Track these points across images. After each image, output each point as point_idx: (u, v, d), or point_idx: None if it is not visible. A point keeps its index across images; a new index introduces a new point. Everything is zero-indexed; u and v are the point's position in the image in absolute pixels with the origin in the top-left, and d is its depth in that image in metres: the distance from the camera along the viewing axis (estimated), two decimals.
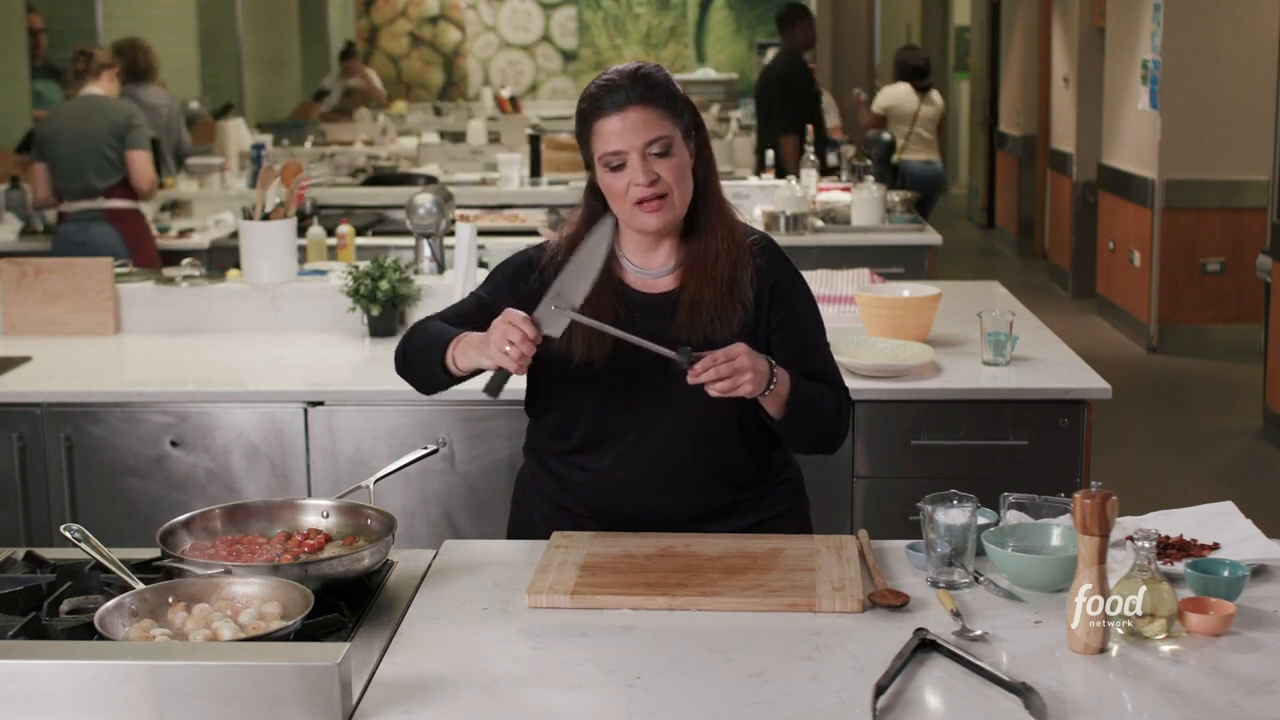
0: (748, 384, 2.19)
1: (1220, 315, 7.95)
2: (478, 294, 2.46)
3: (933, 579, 2.14)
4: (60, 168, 5.88)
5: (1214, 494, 2.76)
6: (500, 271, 2.46)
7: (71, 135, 5.86)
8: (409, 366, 2.41)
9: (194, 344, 3.95)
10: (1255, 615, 2.02)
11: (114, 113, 5.88)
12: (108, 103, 5.92)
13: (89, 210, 5.81)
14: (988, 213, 12.95)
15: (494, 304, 2.39)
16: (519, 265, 2.44)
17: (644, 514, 2.38)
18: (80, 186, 5.82)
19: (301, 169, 4.23)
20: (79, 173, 5.82)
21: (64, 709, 1.69)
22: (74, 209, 5.83)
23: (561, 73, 15.73)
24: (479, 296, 2.45)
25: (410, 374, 2.42)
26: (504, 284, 2.43)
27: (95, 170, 5.82)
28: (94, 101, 5.92)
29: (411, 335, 2.40)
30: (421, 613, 2.08)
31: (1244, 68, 7.64)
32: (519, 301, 2.36)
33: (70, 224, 5.82)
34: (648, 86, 2.29)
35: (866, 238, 5.86)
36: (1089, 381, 3.44)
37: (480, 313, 2.39)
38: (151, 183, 5.99)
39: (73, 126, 5.88)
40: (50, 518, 3.45)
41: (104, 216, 5.80)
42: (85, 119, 5.88)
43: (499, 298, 2.40)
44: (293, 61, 13.65)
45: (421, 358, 2.36)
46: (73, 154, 5.84)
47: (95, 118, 5.86)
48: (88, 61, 5.97)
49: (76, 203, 5.83)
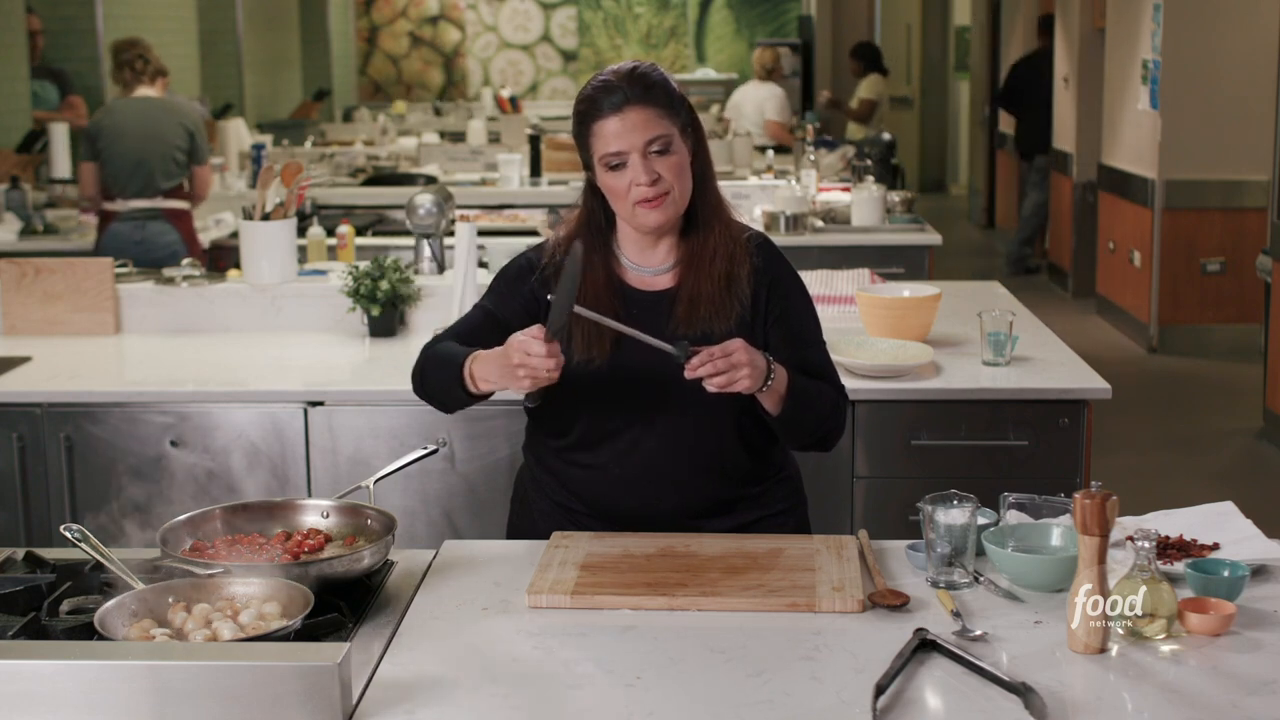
0: (745, 379, 2.19)
1: (1220, 315, 7.95)
2: (483, 306, 2.46)
3: (933, 579, 2.14)
4: (119, 165, 5.84)
5: (1214, 494, 2.76)
6: (501, 279, 2.46)
7: (136, 134, 5.84)
8: (428, 392, 2.40)
9: (194, 344, 3.95)
10: (1255, 615, 2.02)
11: (185, 117, 5.95)
12: (178, 106, 5.99)
13: (146, 209, 5.81)
14: (988, 213, 12.94)
15: (499, 313, 2.40)
16: (518, 269, 2.44)
17: (643, 511, 2.38)
18: (140, 185, 5.82)
19: (301, 169, 4.23)
20: (140, 171, 5.82)
21: (64, 709, 1.69)
22: (128, 208, 5.82)
23: (561, 73, 15.73)
24: (484, 308, 2.45)
25: (430, 399, 2.41)
26: (506, 290, 2.44)
27: (161, 170, 5.84)
28: (161, 103, 5.95)
29: (425, 359, 2.39)
30: (421, 613, 2.08)
31: (1244, 68, 7.63)
32: (524, 304, 2.38)
33: (124, 222, 5.80)
34: (645, 86, 2.29)
35: (866, 238, 5.85)
36: (1089, 381, 3.44)
37: (488, 325, 2.40)
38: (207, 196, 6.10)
39: (138, 125, 5.87)
40: (50, 518, 3.45)
41: (162, 215, 5.82)
42: (152, 119, 5.88)
43: (503, 305, 2.41)
44: (293, 61, 13.65)
45: (439, 379, 2.35)
46: (136, 153, 5.82)
47: (165, 119, 5.88)
48: (145, 64, 5.97)
49: (132, 201, 5.82)
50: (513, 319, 2.38)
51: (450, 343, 2.38)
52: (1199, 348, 7.91)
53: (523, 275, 2.43)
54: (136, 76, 5.97)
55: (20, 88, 7.92)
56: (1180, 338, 7.97)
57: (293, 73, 13.60)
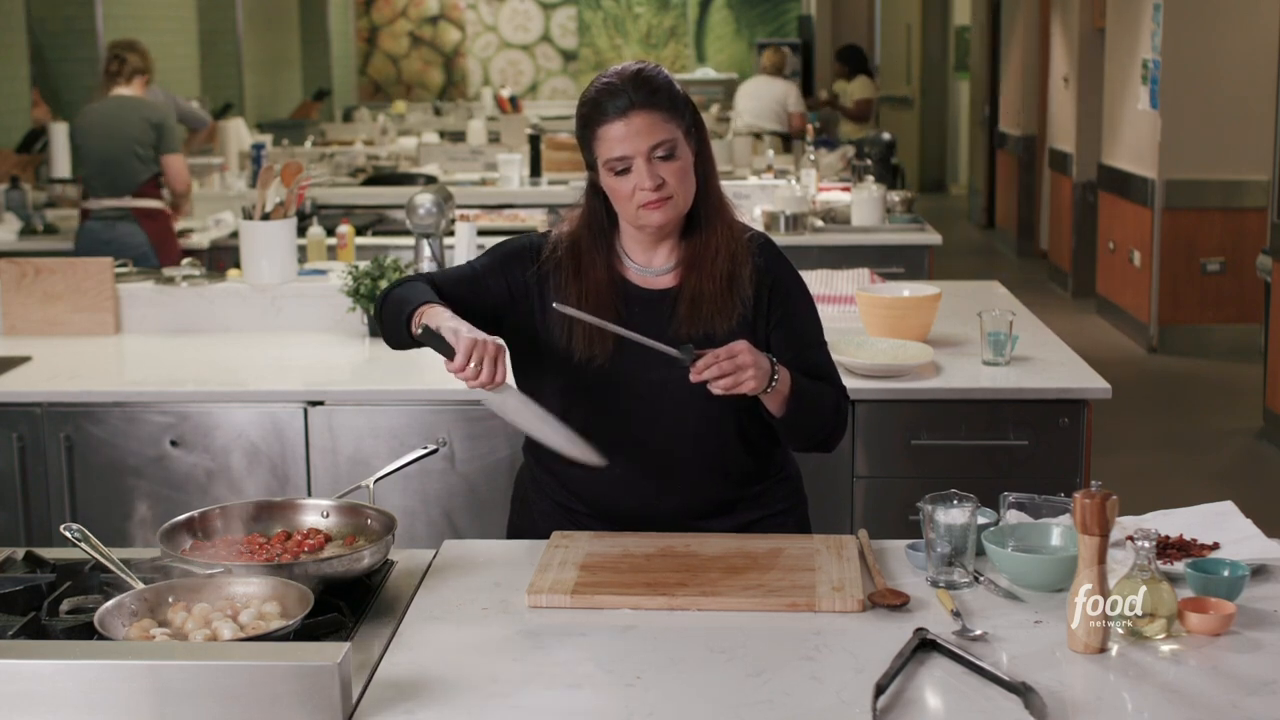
0: (750, 381, 2.19)
1: (1220, 315, 7.95)
2: (473, 264, 2.46)
3: (933, 579, 2.14)
4: (88, 165, 5.89)
5: (1214, 494, 2.76)
6: (499, 250, 2.45)
7: (101, 134, 5.86)
8: (381, 320, 2.38)
9: (194, 344, 3.95)
10: (1255, 615, 2.02)
11: (147, 112, 5.91)
12: (141, 102, 5.94)
13: (116, 209, 5.81)
14: (988, 213, 12.94)
15: (484, 279, 2.40)
16: (519, 248, 2.43)
17: (643, 511, 2.38)
18: (108, 184, 5.83)
19: (301, 169, 4.23)
20: (107, 170, 5.83)
21: (64, 709, 1.69)
22: (99, 207, 5.83)
23: (561, 73, 15.73)
24: (473, 267, 2.44)
25: (382, 328, 2.38)
26: (499, 265, 2.42)
27: (127, 167, 5.83)
28: (126, 101, 5.94)
29: (392, 290, 2.37)
30: (421, 613, 2.08)
31: (1244, 68, 7.63)
32: (509, 287, 2.37)
33: (96, 221, 5.82)
34: (650, 90, 2.29)
35: (866, 237, 5.86)
36: (1089, 381, 3.44)
37: (470, 283, 2.40)
38: (186, 185, 6.04)
39: (103, 125, 5.89)
40: (50, 518, 3.45)
41: (131, 215, 5.82)
42: (116, 117, 5.89)
43: (491, 276, 2.40)
44: (293, 61, 13.65)
45: (390, 316, 2.33)
46: (101, 152, 5.84)
47: (128, 116, 5.87)
48: (121, 64, 5.98)
49: (104, 200, 5.83)
50: (493, 292, 2.38)
51: (423, 284, 2.35)
52: (1199, 348, 7.91)
53: (520, 257, 2.41)
54: (113, 78, 5.99)
55: (21, 87, 7.92)
56: (1180, 338, 7.97)
57: (293, 73, 13.61)
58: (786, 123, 9.82)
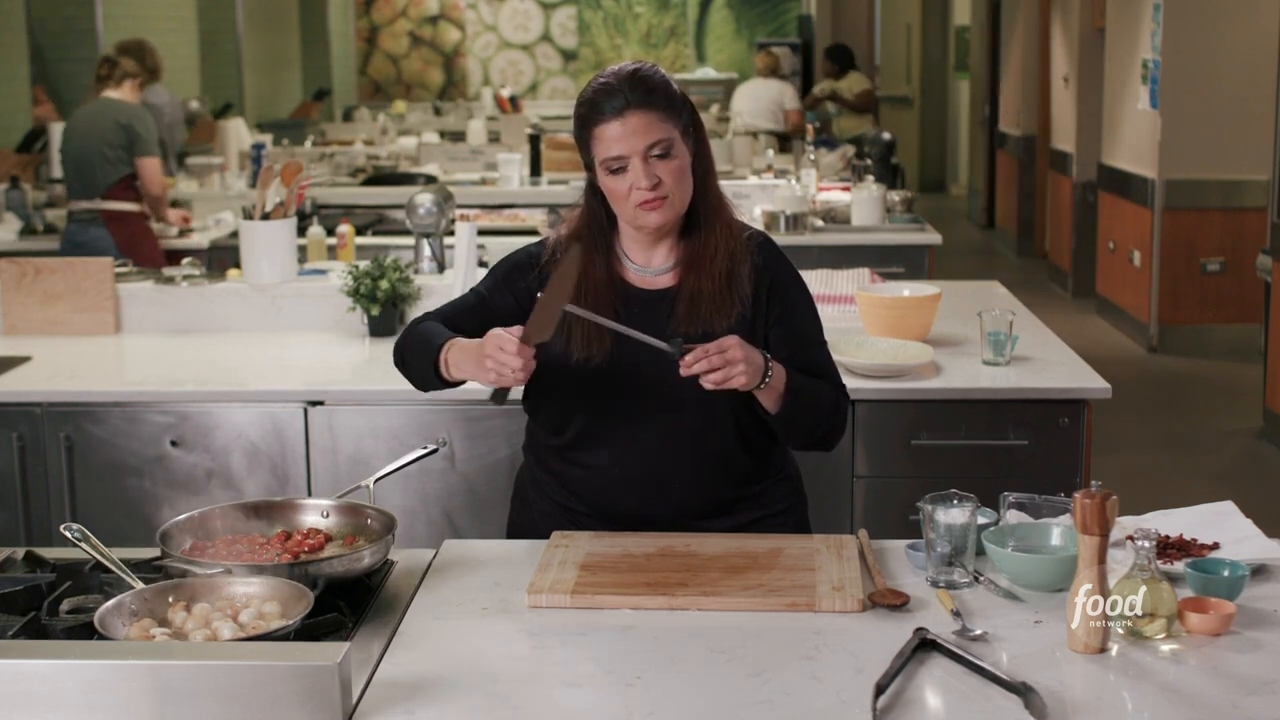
0: (741, 375, 2.19)
1: (1220, 315, 7.95)
2: (477, 290, 2.48)
3: (933, 579, 2.14)
4: (66, 169, 5.95)
5: (1214, 494, 2.76)
6: (499, 268, 2.48)
7: (78, 136, 5.89)
8: (405, 367, 2.44)
9: (194, 344, 3.95)
10: (1255, 615, 2.02)
11: (118, 113, 5.89)
12: (114, 104, 5.93)
13: (89, 211, 5.82)
14: (988, 213, 12.94)
15: (491, 300, 2.43)
16: (518, 262, 2.45)
17: (642, 510, 2.38)
18: (82, 187, 5.84)
19: (301, 169, 4.23)
20: (81, 173, 5.84)
21: (64, 709, 1.69)
22: (78, 209, 5.85)
23: (561, 72, 15.73)
24: (478, 293, 2.47)
25: (407, 374, 2.44)
26: (502, 281, 2.45)
27: (95, 170, 5.83)
28: (103, 104, 5.94)
29: (408, 335, 2.42)
30: (421, 613, 2.08)
31: (1244, 68, 7.63)
32: (516, 299, 2.39)
33: (74, 224, 5.86)
34: (647, 90, 2.29)
35: (866, 237, 5.86)
36: (1089, 381, 3.44)
37: (478, 309, 2.43)
38: (162, 188, 6.01)
39: (80, 128, 5.93)
40: (50, 518, 3.45)
41: (101, 218, 5.81)
42: (91, 121, 5.91)
43: (495, 295, 2.44)
44: (293, 61, 13.65)
45: (417, 361, 2.38)
46: (74, 154, 5.87)
47: (101, 118, 5.88)
48: (111, 68, 5.98)
49: (79, 203, 5.84)
50: (502, 310, 2.40)
51: (435, 323, 2.40)
52: (1199, 348, 7.91)
53: (520, 269, 2.44)
54: (102, 82, 6.00)
55: (21, 87, 7.92)
56: (1180, 338, 7.97)
57: (293, 73, 13.61)
58: (784, 122, 9.91)
